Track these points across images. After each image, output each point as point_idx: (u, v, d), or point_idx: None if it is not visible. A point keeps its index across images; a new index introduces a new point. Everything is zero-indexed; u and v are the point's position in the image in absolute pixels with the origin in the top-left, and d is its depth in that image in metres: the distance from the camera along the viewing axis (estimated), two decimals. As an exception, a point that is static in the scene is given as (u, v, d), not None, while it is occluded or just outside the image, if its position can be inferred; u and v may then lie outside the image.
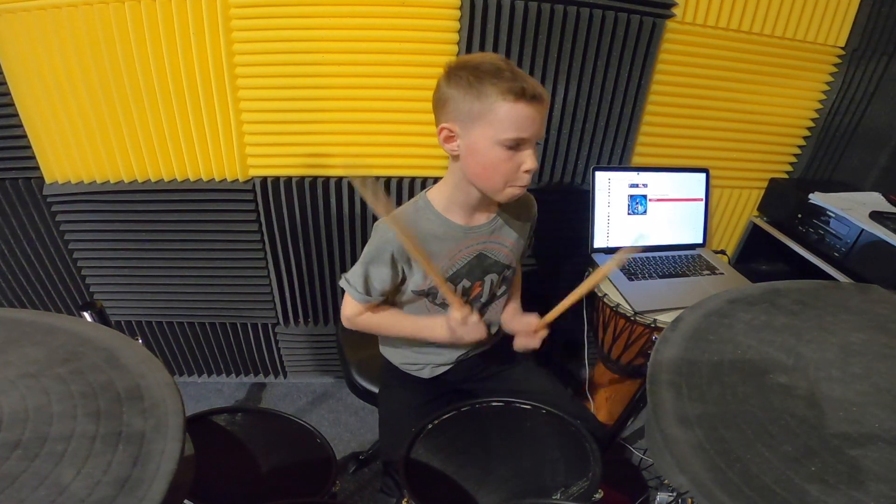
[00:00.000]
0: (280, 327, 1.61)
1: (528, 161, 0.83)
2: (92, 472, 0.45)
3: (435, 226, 0.93)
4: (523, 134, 0.80)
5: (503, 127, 0.79)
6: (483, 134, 0.81)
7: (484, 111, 0.79)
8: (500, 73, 0.79)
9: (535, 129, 0.82)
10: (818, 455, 0.50)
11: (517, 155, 0.82)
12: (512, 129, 0.80)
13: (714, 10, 1.27)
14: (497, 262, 1.00)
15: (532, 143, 0.83)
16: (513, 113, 0.78)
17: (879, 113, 1.53)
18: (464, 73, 0.80)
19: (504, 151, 0.81)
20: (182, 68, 1.16)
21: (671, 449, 0.51)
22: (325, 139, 1.29)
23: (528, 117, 0.79)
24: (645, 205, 1.42)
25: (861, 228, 1.26)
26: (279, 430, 0.97)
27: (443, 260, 0.95)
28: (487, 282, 1.01)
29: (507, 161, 0.82)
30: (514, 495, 0.79)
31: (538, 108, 0.80)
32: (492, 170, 0.84)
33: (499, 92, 0.78)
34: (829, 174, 1.64)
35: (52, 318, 0.66)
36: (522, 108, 0.78)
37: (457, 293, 0.98)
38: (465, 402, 0.94)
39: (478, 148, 0.82)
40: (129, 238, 1.38)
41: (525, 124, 0.80)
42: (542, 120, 0.82)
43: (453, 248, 0.95)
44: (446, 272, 0.96)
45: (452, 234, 0.94)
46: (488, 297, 1.03)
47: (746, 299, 0.76)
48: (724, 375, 0.61)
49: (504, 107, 0.78)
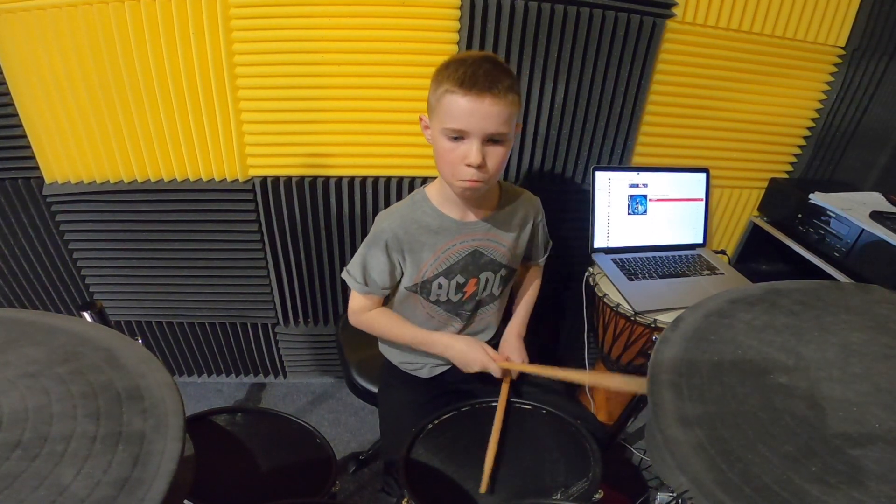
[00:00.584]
0: (280, 327, 1.61)
1: (470, 155, 0.82)
2: (92, 473, 0.45)
3: (430, 218, 0.94)
4: (462, 126, 0.80)
5: (445, 117, 0.81)
6: (435, 124, 0.84)
7: (436, 101, 0.82)
8: (459, 66, 0.79)
9: (479, 124, 0.80)
10: (819, 455, 0.50)
11: (460, 147, 0.83)
12: (451, 120, 0.81)
13: (714, 9, 1.27)
14: (493, 261, 1.00)
15: (476, 137, 0.81)
16: (454, 104, 0.79)
17: (880, 113, 1.53)
18: (444, 65, 0.83)
19: (447, 142, 0.83)
20: (182, 68, 1.16)
21: (671, 449, 0.51)
22: (325, 139, 1.29)
23: (468, 111, 0.79)
24: (645, 205, 1.42)
25: (861, 228, 1.26)
26: (279, 430, 0.97)
27: (437, 253, 0.95)
28: (483, 279, 1.01)
29: (451, 152, 0.83)
30: (515, 495, 0.79)
31: (483, 103, 0.78)
32: (440, 160, 0.87)
33: (448, 83, 0.79)
34: (830, 174, 1.63)
35: (51, 318, 0.66)
36: (463, 101, 0.78)
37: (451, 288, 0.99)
38: (465, 402, 0.94)
39: (434, 137, 0.86)
40: (129, 238, 1.38)
41: (463, 117, 0.79)
42: (485, 115, 0.80)
43: (447, 241, 0.96)
44: (440, 266, 0.97)
45: (447, 227, 0.95)
46: (486, 296, 1.03)
47: (747, 299, 0.75)
48: (725, 376, 0.60)
49: (447, 98, 0.80)
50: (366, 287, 0.97)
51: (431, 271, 0.98)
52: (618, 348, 1.35)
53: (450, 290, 1.00)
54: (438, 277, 0.98)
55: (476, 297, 1.03)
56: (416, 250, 0.95)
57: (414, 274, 0.97)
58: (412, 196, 0.98)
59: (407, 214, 0.95)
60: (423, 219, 0.95)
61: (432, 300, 1.00)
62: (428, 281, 0.98)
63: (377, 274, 0.96)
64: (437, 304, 1.01)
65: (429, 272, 0.97)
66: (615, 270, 1.34)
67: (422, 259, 0.96)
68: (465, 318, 1.05)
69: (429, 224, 0.95)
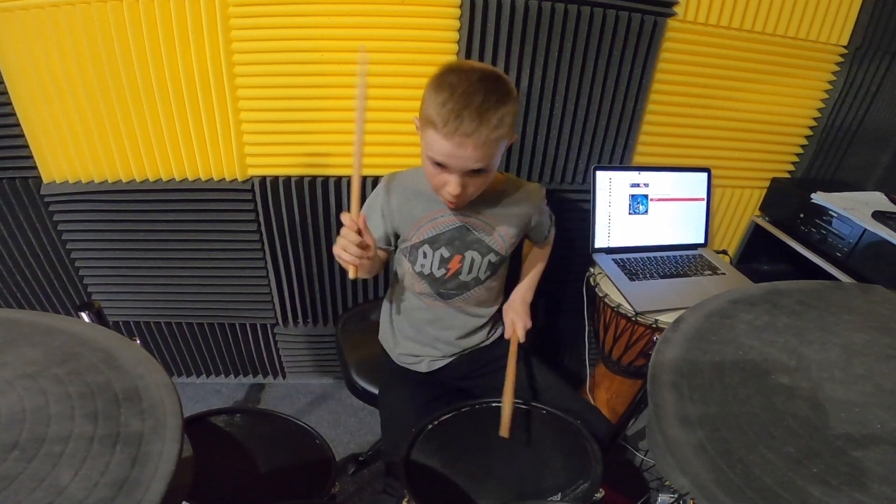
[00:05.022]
0: (279, 328, 1.61)
1: (449, 185, 0.87)
2: (90, 474, 0.44)
3: (424, 186, 0.98)
4: (442, 161, 0.84)
5: (428, 147, 0.85)
6: (423, 141, 0.87)
7: (422, 124, 0.86)
8: (449, 100, 0.80)
9: (459, 163, 0.84)
10: (820, 456, 0.49)
11: (441, 174, 0.87)
12: (432, 151, 0.85)
13: (716, 8, 1.27)
14: (480, 241, 1.01)
15: (457, 172, 0.85)
16: (437, 142, 0.82)
17: (882, 112, 1.53)
18: (438, 79, 0.84)
19: (432, 166, 0.87)
20: (180, 67, 1.16)
21: (672, 450, 0.51)
22: (324, 139, 1.29)
23: (449, 152, 0.82)
24: (646, 204, 1.42)
25: (863, 228, 1.26)
26: (278, 431, 0.97)
27: (426, 218, 0.99)
28: (468, 258, 1.01)
29: (435, 175, 0.88)
30: (515, 496, 0.78)
31: (466, 148, 0.81)
32: (427, 174, 0.91)
33: (435, 118, 0.81)
34: (832, 174, 1.63)
35: (49, 318, 0.66)
36: (445, 143, 0.82)
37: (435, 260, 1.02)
38: (465, 403, 0.94)
39: (422, 149, 0.89)
40: (128, 238, 1.37)
41: (445, 155, 0.83)
42: (466, 157, 0.83)
43: (437, 210, 0.99)
44: (427, 233, 1.00)
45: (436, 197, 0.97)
46: (471, 279, 1.03)
47: (748, 300, 0.75)
48: (726, 376, 0.60)
49: (432, 133, 0.83)
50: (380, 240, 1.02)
51: (418, 237, 1.01)
52: (619, 349, 1.35)
53: (434, 262, 1.02)
54: (424, 245, 1.01)
55: (459, 276, 1.03)
56: (407, 209, 1.00)
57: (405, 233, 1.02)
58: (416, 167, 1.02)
59: (409, 176, 1.02)
60: (421, 184, 0.98)
61: (417, 270, 1.03)
62: (415, 247, 1.01)
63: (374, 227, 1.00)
64: (422, 276, 1.03)
65: (416, 237, 1.01)
66: (616, 270, 1.34)
67: (413, 217, 1.00)
68: (447, 298, 1.06)
69: (422, 189, 0.98)
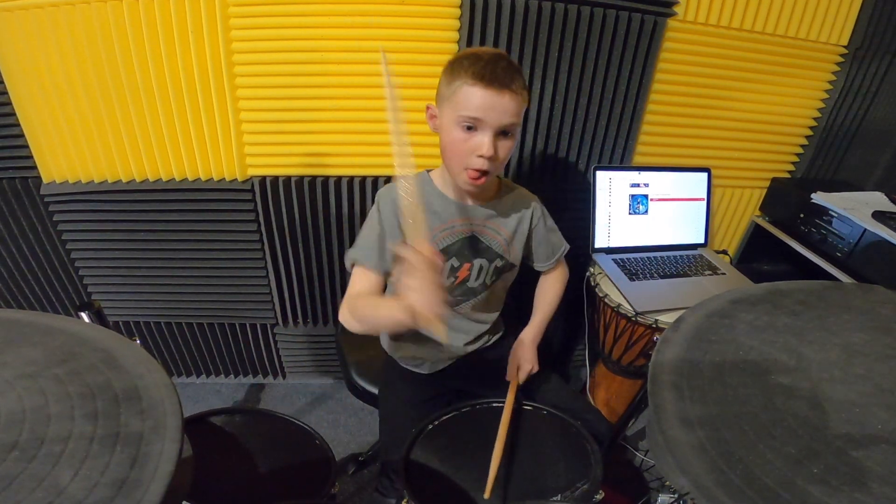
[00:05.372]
0: (279, 328, 1.61)
1: (483, 146, 0.84)
2: (89, 474, 0.44)
3: (431, 198, 0.97)
4: (478, 114, 0.83)
5: (460, 106, 0.83)
6: (448, 114, 0.86)
7: (451, 92, 0.84)
8: (476, 61, 0.82)
9: (494, 115, 0.83)
10: (821, 456, 0.49)
11: (473, 137, 0.85)
12: (466, 109, 0.83)
13: (716, 8, 1.27)
14: (490, 249, 1.01)
15: (490, 128, 0.84)
16: (470, 94, 0.82)
17: (882, 112, 1.53)
18: (454, 59, 0.86)
19: (461, 133, 0.85)
20: (180, 67, 1.16)
21: (672, 450, 0.51)
22: (324, 138, 1.29)
23: (484, 101, 0.82)
24: (646, 204, 1.42)
25: (863, 228, 1.26)
26: (278, 431, 0.97)
27: (435, 231, 0.98)
28: (477, 266, 1.01)
29: (464, 142, 0.86)
30: (515, 496, 0.78)
31: (499, 95, 0.82)
32: (451, 149, 0.88)
33: (466, 75, 0.82)
34: (832, 174, 1.63)
35: (49, 318, 0.66)
36: (480, 91, 0.81)
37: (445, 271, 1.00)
38: (465, 403, 0.94)
39: (444, 126, 0.88)
40: (128, 238, 1.37)
41: (481, 107, 0.82)
42: (503, 109, 0.83)
43: (447, 222, 0.98)
44: (437, 245, 0.98)
45: (447, 208, 0.97)
46: (477, 285, 1.03)
47: (748, 300, 0.75)
48: (726, 376, 0.60)
49: (465, 88, 0.82)
50: (382, 262, 0.96)
51: None
52: (619, 349, 1.35)
53: (444, 272, 1.00)
54: None
55: (466, 284, 1.03)
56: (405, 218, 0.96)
57: None
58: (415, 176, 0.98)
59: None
60: (426, 198, 0.96)
61: None
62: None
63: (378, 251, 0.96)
64: None
65: None
66: (616, 270, 1.34)
67: None
68: (453, 305, 1.05)
69: (430, 203, 0.97)
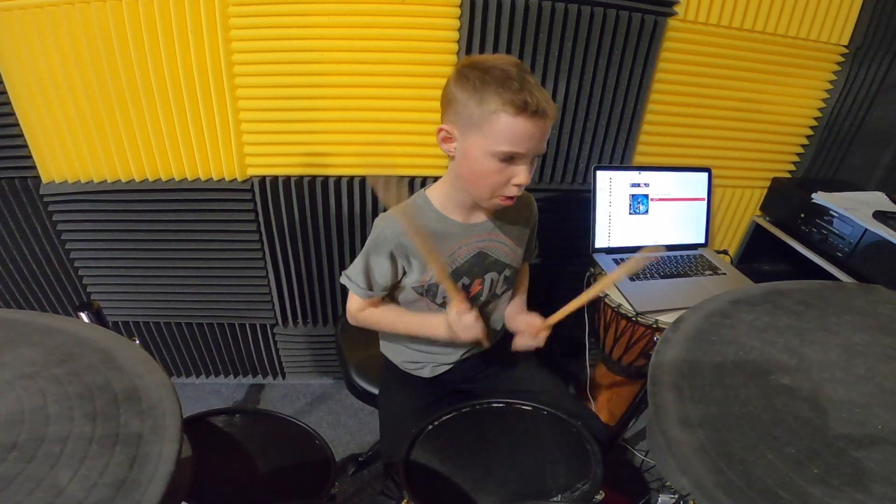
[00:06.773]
0: (279, 328, 1.61)
1: (520, 175, 0.80)
2: (88, 474, 0.44)
3: (434, 223, 0.93)
4: (518, 149, 0.78)
5: (498, 139, 0.77)
6: (478, 142, 0.79)
7: (482, 119, 0.77)
8: (506, 83, 0.75)
9: (533, 145, 0.78)
10: (821, 457, 0.49)
11: (509, 168, 0.80)
12: (507, 143, 0.77)
13: (716, 8, 1.26)
14: (497, 261, 0.99)
15: (528, 158, 0.80)
16: (510, 126, 0.76)
17: (883, 112, 1.52)
18: (472, 75, 0.78)
19: (496, 163, 0.79)
20: (180, 67, 1.15)
21: (673, 451, 0.51)
22: (323, 138, 1.29)
23: (525, 133, 0.76)
24: (647, 204, 1.41)
25: (864, 228, 1.26)
26: (278, 431, 0.96)
27: (442, 257, 0.94)
28: (488, 280, 1.00)
29: (498, 173, 0.81)
30: (515, 497, 0.78)
31: (539, 123, 0.77)
32: (481, 178, 0.83)
33: (500, 102, 0.75)
34: (833, 173, 1.63)
35: (48, 318, 0.66)
36: (521, 123, 0.75)
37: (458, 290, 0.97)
38: (465, 404, 0.93)
39: (471, 154, 0.81)
40: (127, 238, 1.37)
41: (522, 140, 0.77)
42: (541, 136, 0.79)
43: (453, 245, 0.94)
44: (447, 268, 0.95)
45: (451, 231, 0.94)
46: (489, 295, 1.03)
47: (749, 300, 0.75)
48: (727, 377, 0.60)
49: (502, 119, 0.75)
50: (369, 292, 0.96)
51: None
52: (619, 349, 1.35)
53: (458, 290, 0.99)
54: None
55: (480, 298, 1.02)
56: (420, 255, 0.93)
57: (420, 276, 0.96)
58: (413, 200, 0.96)
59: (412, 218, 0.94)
60: (427, 224, 0.92)
61: (438, 302, 0.99)
62: (434, 284, 0.96)
63: (382, 278, 0.94)
64: (444, 305, 1.00)
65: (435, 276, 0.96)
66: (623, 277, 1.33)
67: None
68: None
69: (433, 229, 0.93)
